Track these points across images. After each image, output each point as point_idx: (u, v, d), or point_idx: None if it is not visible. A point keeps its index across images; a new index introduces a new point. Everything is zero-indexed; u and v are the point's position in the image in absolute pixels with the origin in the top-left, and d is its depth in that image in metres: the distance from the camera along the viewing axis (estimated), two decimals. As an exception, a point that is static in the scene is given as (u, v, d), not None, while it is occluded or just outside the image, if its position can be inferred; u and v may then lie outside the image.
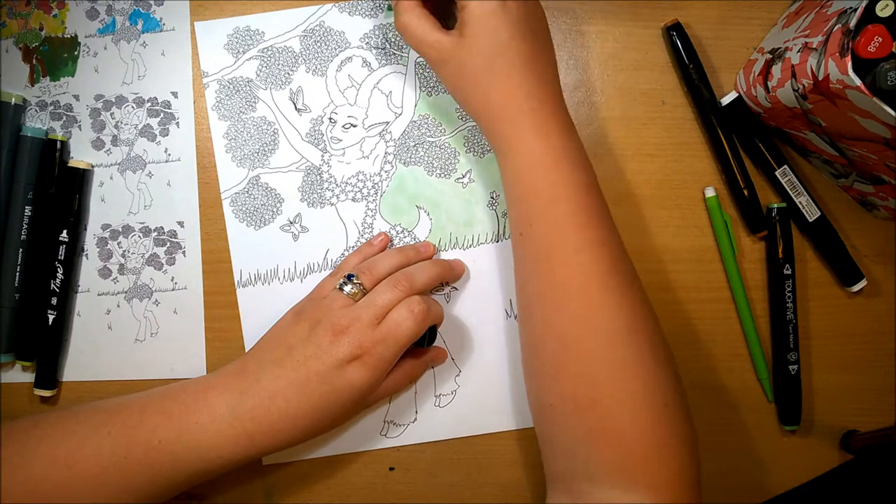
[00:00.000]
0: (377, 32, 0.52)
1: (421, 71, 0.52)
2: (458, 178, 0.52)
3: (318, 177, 0.52)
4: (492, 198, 0.52)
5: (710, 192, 0.52)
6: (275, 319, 0.50)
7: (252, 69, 0.52)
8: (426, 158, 0.52)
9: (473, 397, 0.52)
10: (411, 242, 0.52)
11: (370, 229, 0.52)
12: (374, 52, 0.52)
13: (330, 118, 0.52)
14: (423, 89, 0.52)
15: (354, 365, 0.43)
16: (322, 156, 0.52)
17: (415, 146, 0.52)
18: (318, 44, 0.52)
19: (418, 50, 0.45)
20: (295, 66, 0.52)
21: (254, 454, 0.43)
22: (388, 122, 0.52)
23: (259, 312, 0.51)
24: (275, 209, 0.52)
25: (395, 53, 0.52)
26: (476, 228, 0.52)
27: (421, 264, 0.49)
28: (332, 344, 0.44)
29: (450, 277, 0.51)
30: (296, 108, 0.52)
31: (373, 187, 0.52)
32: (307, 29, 0.52)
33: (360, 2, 0.52)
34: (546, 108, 0.43)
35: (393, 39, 0.52)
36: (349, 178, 0.52)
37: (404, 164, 0.52)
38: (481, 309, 0.52)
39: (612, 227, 0.44)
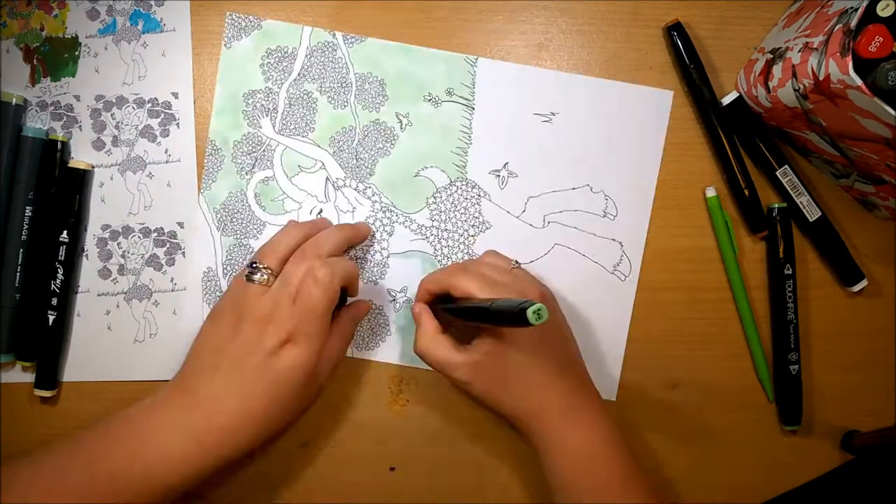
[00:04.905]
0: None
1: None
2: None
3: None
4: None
5: (710, 192, 0.52)
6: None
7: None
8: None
9: None
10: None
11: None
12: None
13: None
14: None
15: (287, 348, 0.43)
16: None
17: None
18: None
19: (440, 372, 0.47)
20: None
21: (218, 463, 0.43)
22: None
23: None
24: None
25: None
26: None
27: (324, 231, 0.48)
28: (260, 335, 0.43)
29: (356, 240, 0.51)
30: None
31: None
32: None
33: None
34: (578, 406, 0.46)
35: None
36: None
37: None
38: None
39: (653, 492, 0.46)
